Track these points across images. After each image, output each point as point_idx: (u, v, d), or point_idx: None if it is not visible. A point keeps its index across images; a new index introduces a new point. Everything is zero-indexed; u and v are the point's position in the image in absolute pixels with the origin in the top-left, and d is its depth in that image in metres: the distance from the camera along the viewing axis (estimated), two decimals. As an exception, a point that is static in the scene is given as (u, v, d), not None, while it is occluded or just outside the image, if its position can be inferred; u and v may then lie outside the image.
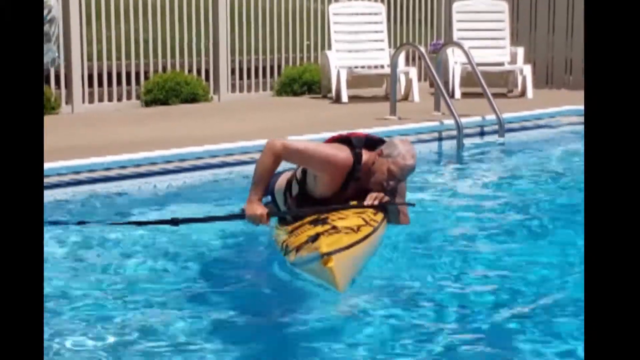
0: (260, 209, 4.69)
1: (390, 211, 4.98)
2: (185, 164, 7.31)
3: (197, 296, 4.37)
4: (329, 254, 3.96)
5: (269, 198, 5.23)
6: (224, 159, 7.50)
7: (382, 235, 4.77)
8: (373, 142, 4.92)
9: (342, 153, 4.78)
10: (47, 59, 6.89)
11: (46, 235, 5.19)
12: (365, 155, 4.83)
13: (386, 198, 4.85)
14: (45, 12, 6.80)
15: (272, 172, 4.80)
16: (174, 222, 4.97)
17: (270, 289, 4.60)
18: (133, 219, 5.73)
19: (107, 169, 6.92)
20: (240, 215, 4.85)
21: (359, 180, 4.82)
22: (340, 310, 4.17)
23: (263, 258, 5.16)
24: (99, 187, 6.72)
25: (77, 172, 6.79)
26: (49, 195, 6.38)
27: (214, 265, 4.94)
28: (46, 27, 6.83)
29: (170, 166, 7.23)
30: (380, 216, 4.75)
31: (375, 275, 4.61)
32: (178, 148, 7.40)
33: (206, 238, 5.28)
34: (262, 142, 4.97)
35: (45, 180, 6.57)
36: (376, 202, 4.79)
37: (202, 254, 5.07)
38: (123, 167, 6.97)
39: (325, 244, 4.05)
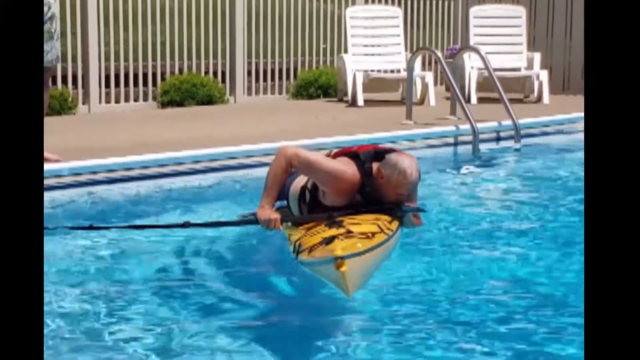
0: (273, 214, 4.70)
1: (404, 216, 4.99)
2: (199, 166, 7.32)
3: (203, 298, 4.40)
4: (343, 258, 3.99)
5: (284, 202, 5.23)
6: (241, 161, 7.51)
7: (395, 244, 4.77)
8: (383, 153, 4.85)
9: (350, 170, 4.75)
10: (51, 56, 6.78)
11: (56, 239, 5.19)
12: (375, 167, 4.80)
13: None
14: (45, 9, 6.68)
15: (284, 178, 4.81)
16: (186, 225, 5.00)
17: (278, 291, 4.62)
18: (149, 220, 5.75)
19: (122, 169, 6.93)
20: (253, 221, 4.86)
21: (371, 192, 4.81)
22: (352, 312, 4.19)
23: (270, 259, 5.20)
24: (114, 188, 6.73)
25: (94, 173, 6.82)
26: (63, 196, 6.42)
27: (221, 266, 4.97)
28: (47, 25, 6.70)
29: (182, 168, 7.24)
30: (395, 225, 4.75)
31: (388, 278, 4.63)
32: (193, 149, 7.42)
33: (212, 239, 5.31)
34: (278, 144, 4.99)
35: (61, 180, 6.61)
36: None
37: (210, 256, 5.10)
38: (130, 168, 6.98)
39: (340, 248, 4.07)
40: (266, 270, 5.09)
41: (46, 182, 6.45)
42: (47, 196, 6.20)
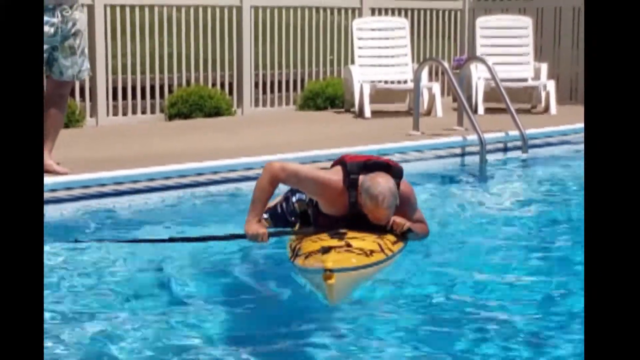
0: (260, 229, 4.74)
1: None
2: (203, 178, 7.33)
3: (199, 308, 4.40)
4: (332, 271, 4.08)
5: (303, 195, 5.22)
6: (244, 173, 7.52)
7: (393, 263, 4.75)
8: (372, 166, 4.80)
9: (334, 178, 4.78)
10: (72, 72, 6.92)
11: (50, 251, 5.18)
12: (361, 179, 4.71)
13: (407, 225, 4.83)
14: (69, 25, 6.81)
15: (270, 194, 4.86)
16: (171, 240, 5.00)
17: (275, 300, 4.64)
18: (155, 233, 5.75)
19: (129, 182, 6.95)
20: (240, 235, 4.87)
21: (356, 204, 4.74)
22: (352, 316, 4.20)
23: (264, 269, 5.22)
24: (121, 200, 6.74)
25: (102, 185, 6.84)
26: (70, 208, 6.44)
27: (213, 278, 4.98)
28: (70, 41, 6.84)
29: (186, 180, 7.25)
30: (398, 246, 4.74)
31: (392, 287, 4.64)
32: (201, 162, 7.43)
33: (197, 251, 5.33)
34: (286, 156, 5.01)
35: (68, 192, 6.62)
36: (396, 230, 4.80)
37: (200, 267, 5.11)
38: (136, 181, 6.98)
39: (331, 260, 4.18)
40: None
41: (54, 194, 6.47)
42: (53, 209, 6.23)
